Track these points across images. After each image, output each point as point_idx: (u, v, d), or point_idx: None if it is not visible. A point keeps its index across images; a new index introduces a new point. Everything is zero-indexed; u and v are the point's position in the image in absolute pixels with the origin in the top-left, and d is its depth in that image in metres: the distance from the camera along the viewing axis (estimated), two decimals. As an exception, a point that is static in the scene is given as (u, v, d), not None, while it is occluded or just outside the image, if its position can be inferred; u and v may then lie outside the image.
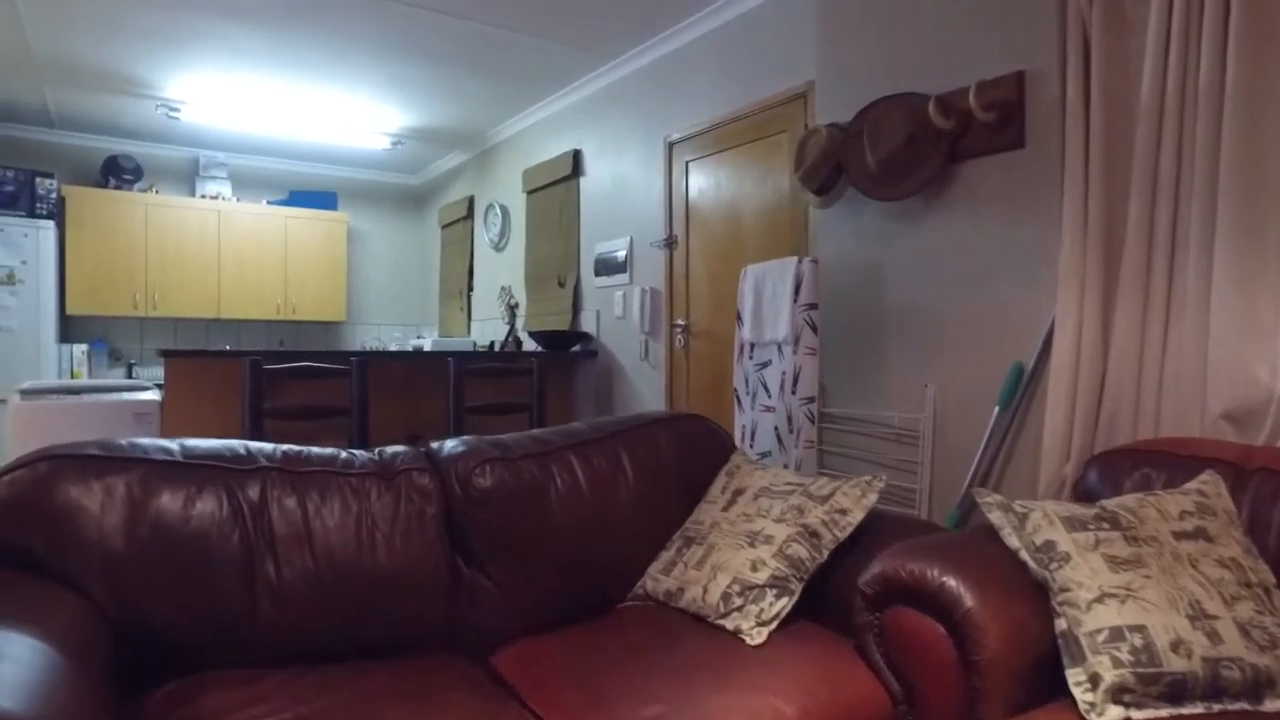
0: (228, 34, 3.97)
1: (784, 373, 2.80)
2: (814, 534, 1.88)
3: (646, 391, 4.17)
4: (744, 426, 2.98)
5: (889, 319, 2.76)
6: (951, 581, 1.50)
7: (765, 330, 2.88)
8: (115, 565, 1.47)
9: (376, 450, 1.95)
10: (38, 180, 5.13)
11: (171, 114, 5.07)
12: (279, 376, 3.39)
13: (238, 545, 1.59)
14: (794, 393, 2.74)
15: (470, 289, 6.12)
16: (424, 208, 7.14)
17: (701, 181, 3.84)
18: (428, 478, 1.86)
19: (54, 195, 5.18)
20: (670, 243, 4.00)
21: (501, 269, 5.67)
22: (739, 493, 2.10)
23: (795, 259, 2.76)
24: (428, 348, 5.75)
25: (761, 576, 1.81)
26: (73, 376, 5.52)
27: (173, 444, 1.68)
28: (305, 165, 6.61)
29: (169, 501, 1.56)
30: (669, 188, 4.02)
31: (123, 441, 1.63)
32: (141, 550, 1.50)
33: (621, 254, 4.33)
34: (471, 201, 6.10)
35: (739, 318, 3.02)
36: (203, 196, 6.02)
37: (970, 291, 2.51)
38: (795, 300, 2.75)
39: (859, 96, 2.79)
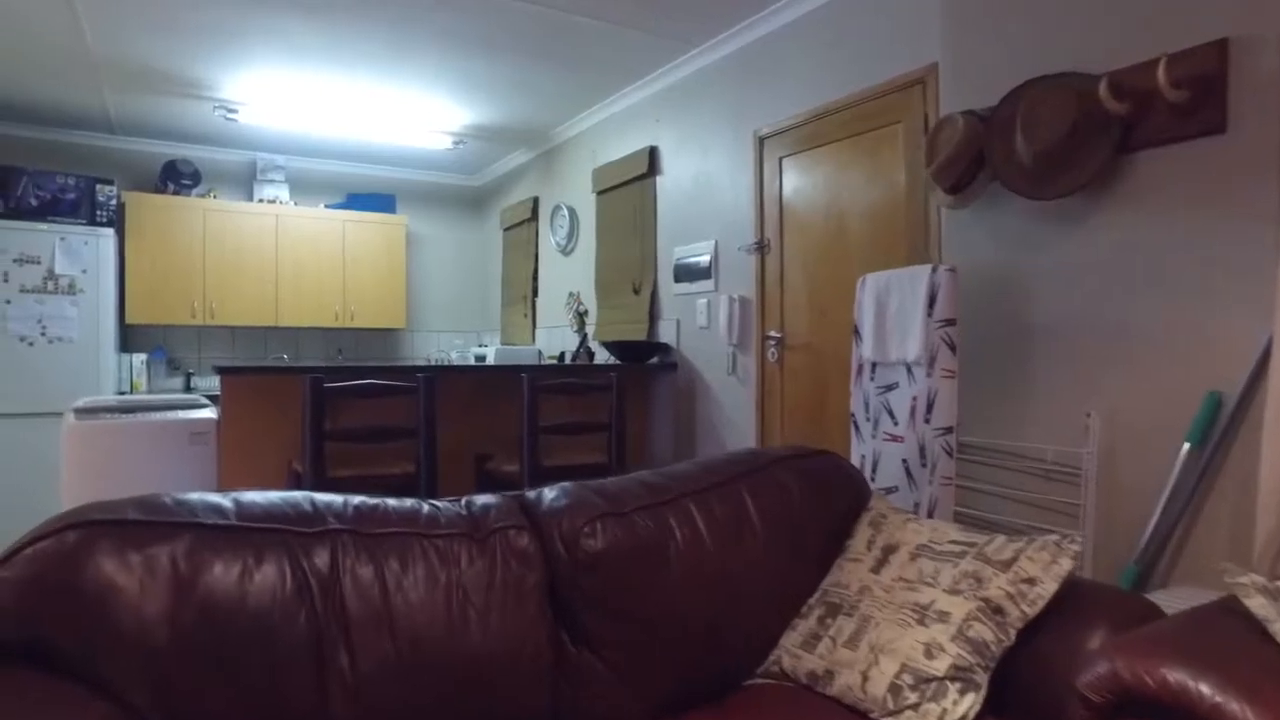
0: (286, 28, 3.73)
1: (915, 398, 2.43)
2: (998, 610, 1.52)
3: (734, 409, 3.82)
4: (863, 457, 2.62)
5: (1037, 336, 2.37)
6: (1233, 706, 1.13)
7: (890, 348, 2.52)
8: (157, 661, 1.18)
9: (463, 501, 1.64)
10: (98, 187, 4.99)
11: (229, 115, 4.88)
12: (341, 395, 3.13)
13: (304, 629, 1.29)
14: (928, 421, 2.38)
15: (535, 295, 5.84)
16: (484, 210, 6.90)
17: (797, 180, 3.48)
18: (526, 538, 1.55)
19: (114, 202, 5.03)
20: (761, 247, 3.65)
21: (569, 274, 5.38)
22: (890, 550, 1.75)
23: (928, 267, 2.40)
24: (491, 357, 5.49)
25: (940, 666, 1.45)
26: (132, 388, 5.38)
27: (225, 500, 1.39)
28: (363, 167, 6.41)
29: (222, 576, 1.27)
30: (759, 187, 3.68)
31: (166, 499, 1.35)
32: (189, 641, 1.21)
33: (705, 259, 3.99)
34: (536, 203, 5.82)
35: (856, 333, 2.66)
36: (260, 200, 5.85)
37: (1148, 306, 2.12)
38: (929, 315, 2.38)
39: (1000, 79, 2.41)
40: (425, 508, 1.57)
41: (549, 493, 1.70)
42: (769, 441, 3.63)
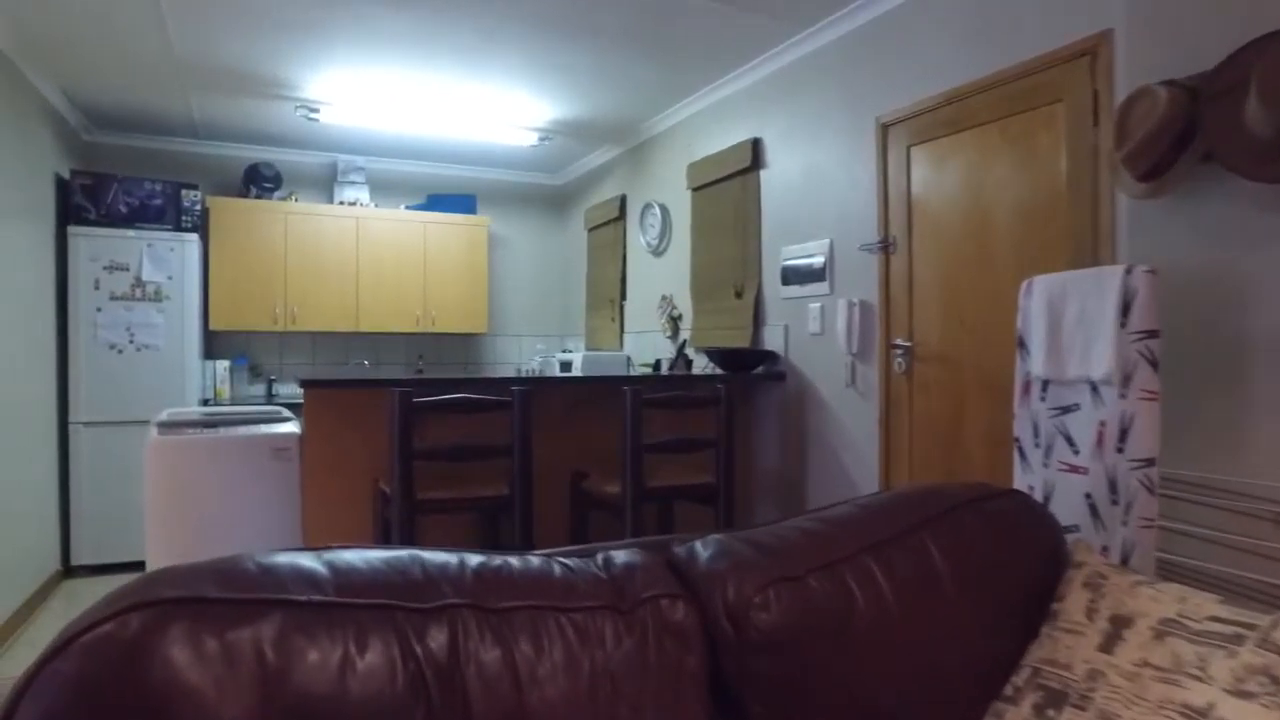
0: (375, 19, 3.53)
1: (1102, 422, 2.05)
2: (1302, 720, 1.16)
3: (853, 424, 3.47)
4: (1031, 488, 2.25)
5: (1260, 349, 1.97)
6: None
7: (1069, 364, 2.14)
8: (239, 785, 0.92)
9: (599, 558, 1.36)
10: (183, 192, 4.91)
11: (311, 115, 4.73)
12: (431, 410, 2.89)
13: (420, 735, 1.02)
14: (1120, 450, 2.00)
15: (623, 298, 5.56)
16: (566, 210, 6.66)
17: (929, 170, 3.12)
18: (682, 609, 1.24)
19: (198, 207, 4.94)
20: (886, 246, 3.29)
21: (661, 276, 5.09)
22: (1122, 623, 1.39)
23: (1119, 269, 2.02)
24: (578, 364, 5.24)
25: (1238, 800, 1.10)
26: (215, 395, 5.29)
27: (319, 564, 1.12)
28: (443, 167, 6.24)
29: (318, 668, 0.99)
30: (883, 179, 3.32)
31: (250, 566, 1.09)
32: (279, 758, 0.94)
33: (818, 260, 3.65)
34: (624, 201, 5.55)
35: (1021, 344, 2.29)
36: (340, 203, 5.72)
37: None
38: (1122, 325, 2.00)
39: (1209, 40, 2.01)
40: (556, 568, 1.28)
41: (702, 548, 1.40)
42: (895, 461, 3.27)
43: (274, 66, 4.11)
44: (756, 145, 4.10)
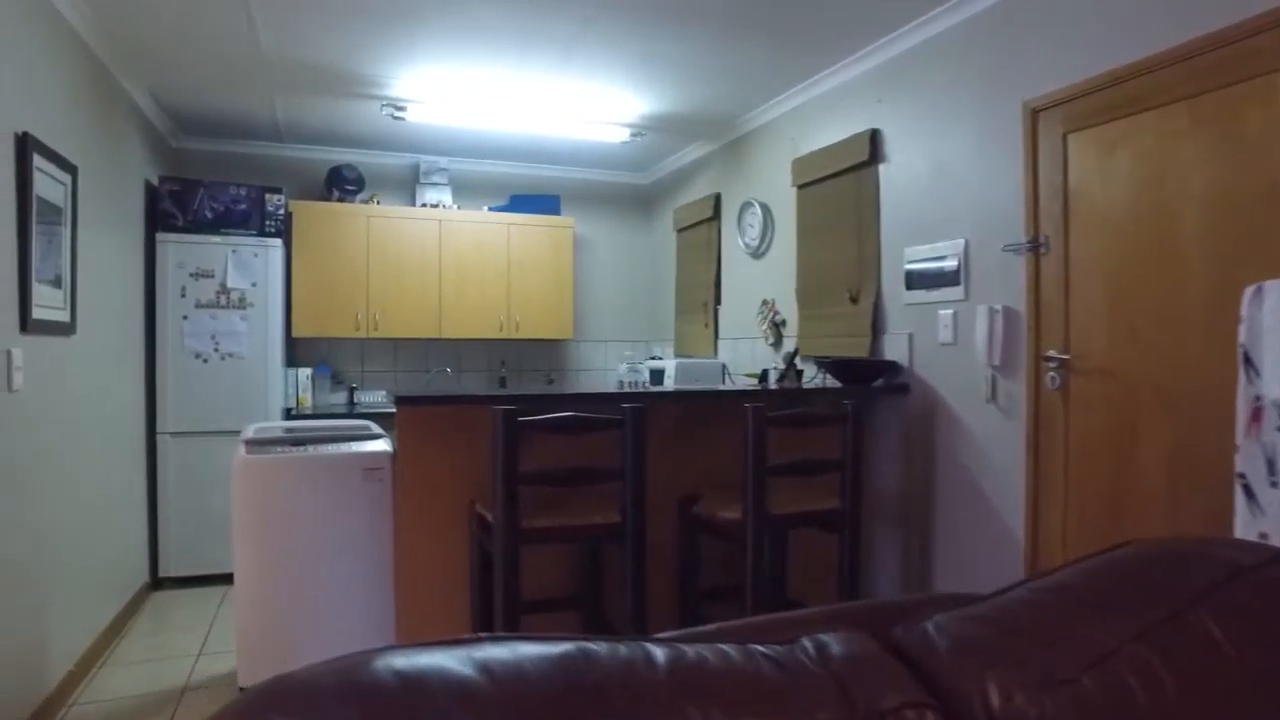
0: (464, 11, 3.31)
1: (1370, 460, 1.68)
2: None
3: (994, 445, 3.11)
4: (1263, 535, 1.88)
5: None
6: None
7: (1319, 387, 1.77)
8: None
9: (807, 645, 1.06)
10: (267, 196, 4.79)
11: (397, 114, 4.56)
12: (537, 430, 2.64)
13: None
14: (1398, 496, 1.62)
15: (717, 302, 5.27)
16: (653, 210, 6.40)
17: (1093, 159, 2.74)
18: (932, 725, 0.95)
19: (281, 211, 4.83)
20: (1036, 247, 2.93)
21: (761, 279, 4.78)
22: None
23: (1392, 269, 1.65)
24: (671, 372, 4.97)
25: None
26: (297, 404, 5.18)
27: (473, 671, 0.85)
28: (525, 166, 6.03)
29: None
30: (1032, 171, 2.95)
31: (385, 675, 0.82)
32: None
33: (950, 262, 3.29)
34: (718, 200, 5.26)
35: (1247, 362, 1.92)
36: (423, 205, 5.55)
37: None
38: (1400, 340, 1.63)
39: None
40: (763, 663, 1.00)
41: (936, 634, 1.10)
42: (1047, 489, 2.90)
43: (361, 64, 3.94)
44: (875, 137, 3.76)
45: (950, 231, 3.32)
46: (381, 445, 3.10)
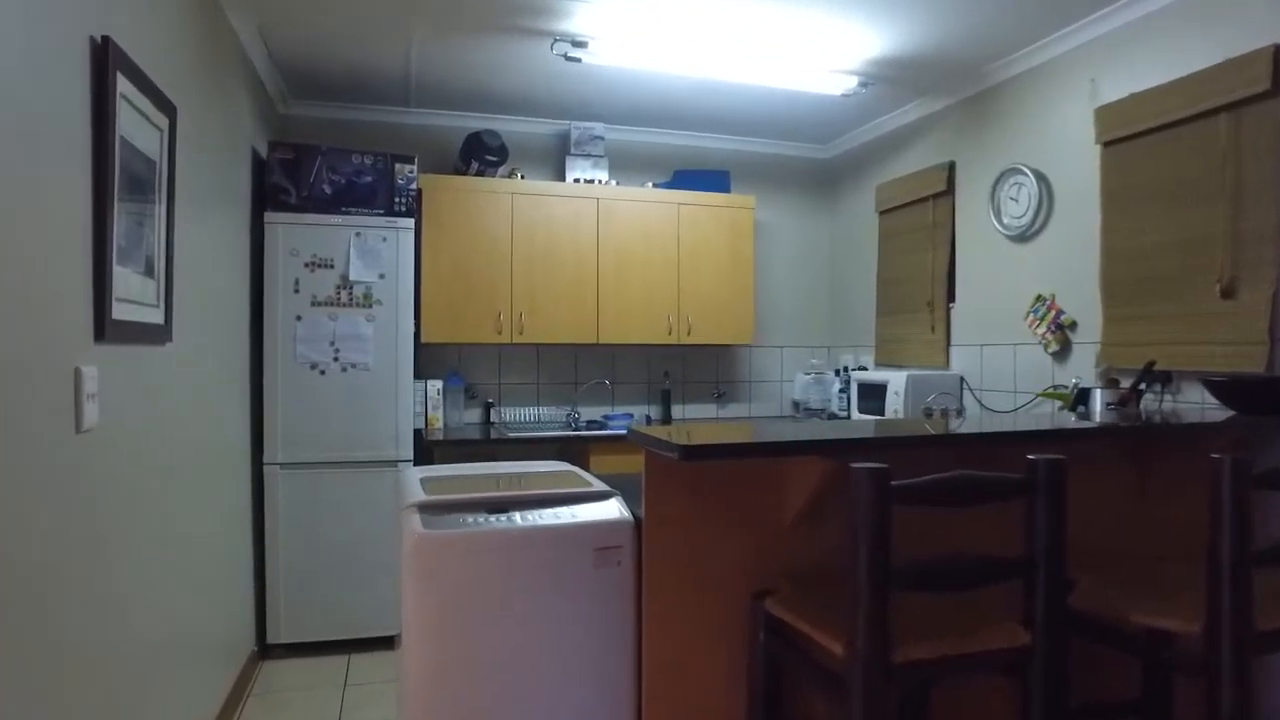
0: None
1: None
2: None
3: None
4: None
5: None
6: None
7: None
8: None
9: None
10: (397, 167, 3.84)
11: (573, 53, 3.51)
12: (913, 498, 1.58)
13: None
14: None
15: (950, 299, 4.13)
16: (837, 188, 5.29)
17: None
18: None
19: (414, 186, 3.87)
20: None
21: (1031, 268, 3.63)
22: None
23: None
24: (899, 387, 3.87)
25: None
26: (427, 425, 4.23)
27: None
28: (687, 136, 4.98)
29: None
30: None
31: None
32: None
33: None
34: (952, 171, 4.12)
35: None
36: (575, 180, 4.55)
37: None
38: None
39: None
40: None
41: None
42: None
43: (536, -20, 2.95)
44: (1278, 56, 2.59)
45: None
46: (613, 511, 2.06)
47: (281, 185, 3.65)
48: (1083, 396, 3.00)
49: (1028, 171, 3.59)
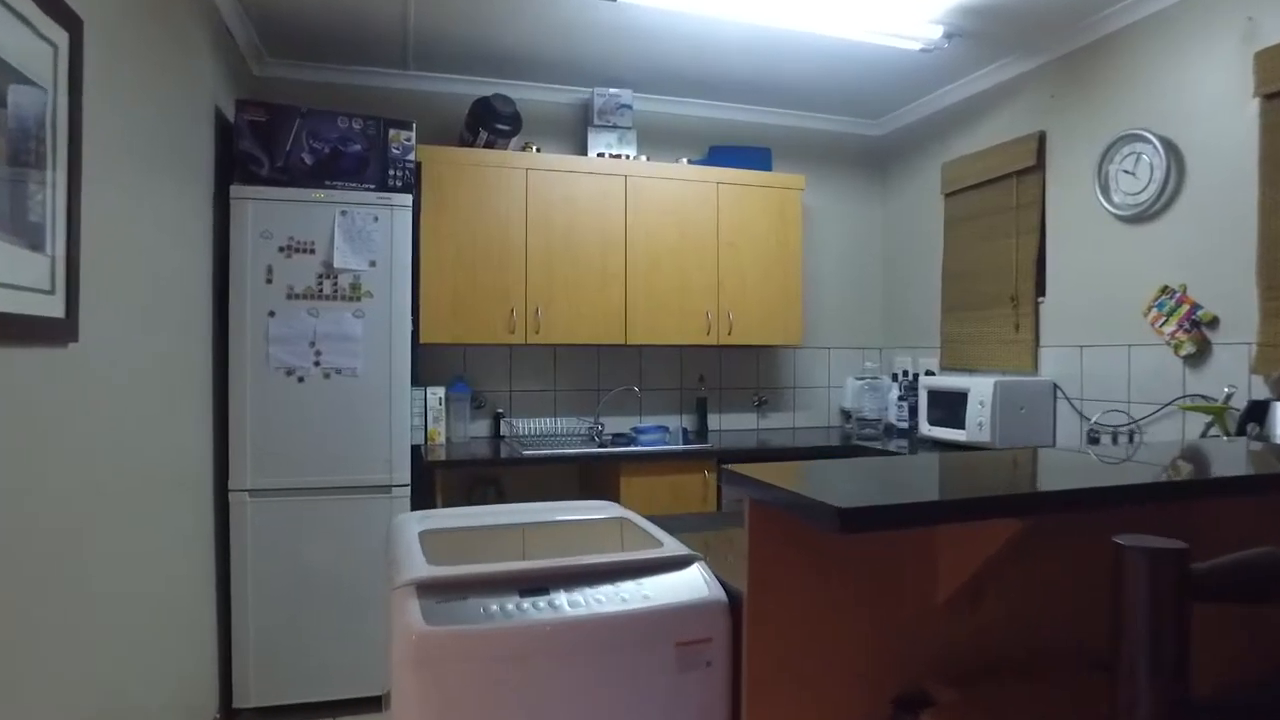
0: None
1: None
2: None
3: None
4: None
5: None
6: None
7: None
8: None
9: None
10: (392, 133, 3.23)
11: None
12: (1209, 589, 0.96)
13: None
14: None
15: (1039, 293, 3.53)
16: (889, 170, 4.68)
17: None
18: None
19: (410, 158, 3.26)
20: None
21: (1151, 254, 3.03)
22: None
23: None
24: (985, 397, 3.27)
25: None
26: (427, 440, 3.61)
27: None
28: (721, 109, 4.36)
29: None
30: None
31: None
32: None
33: None
34: (1042, 142, 3.51)
35: None
36: (600, 155, 3.93)
37: None
38: None
39: None
40: None
41: None
42: None
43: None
44: None
45: None
46: (698, 585, 1.45)
47: (251, 153, 3.03)
48: (1256, 412, 2.38)
49: (1151, 138, 2.99)
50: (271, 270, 3.02)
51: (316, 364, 3.07)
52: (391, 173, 3.23)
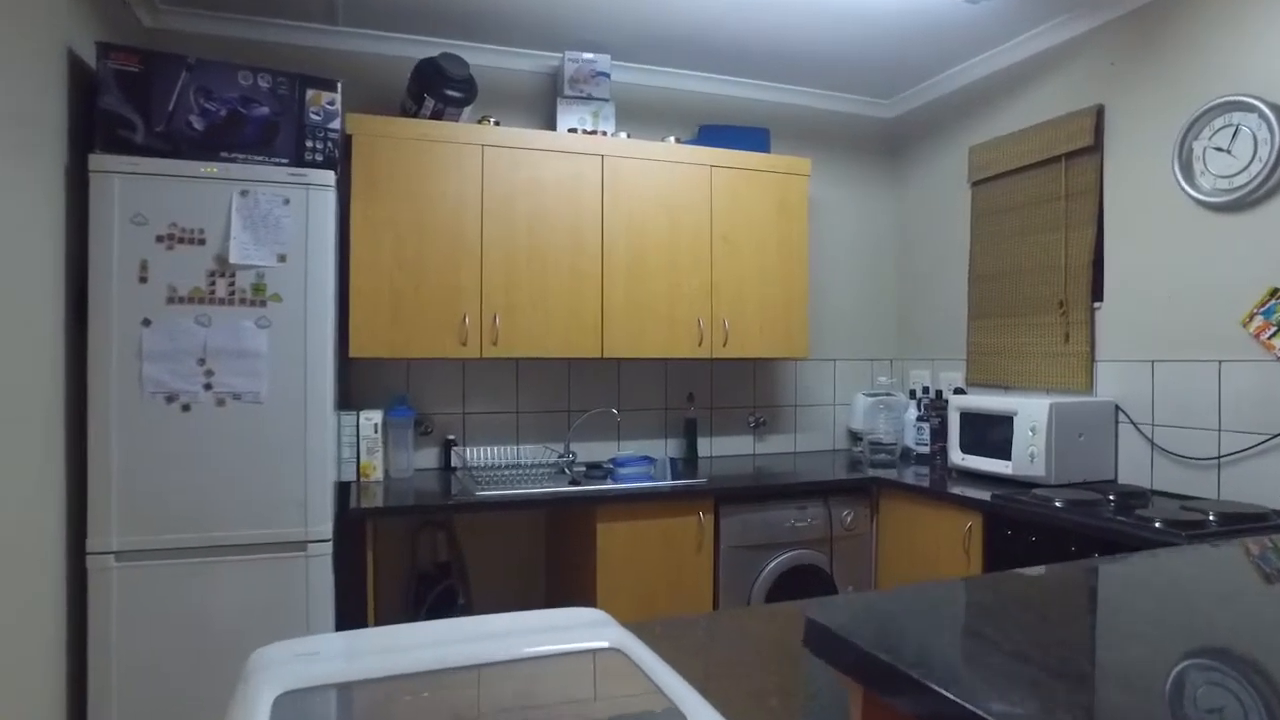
0: None
1: None
2: None
3: None
4: None
5: None
6: None
7: None
8: None
9: None
10: (309, 94, 2.55)
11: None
12: None
13: None
14: None
15: (1094, 299, 2.97)
16: (900, 157, 4.11)
17: None
18: None
19: (335, 126, 2.58)
20: None
21: (1252, 250, 2.47)
22: None
23: None
24: (1040, 423, 2.70)
25: None
26: (359, 474, 2.94)
27: None
28: (713, 83, 3.74)
29: None
30: None
31: None
32: None
33: None
34: (1099, 118, 2.95)
35: None
36: (570, 131, 3.29)
37: None
38: None
39: None
40: None
41: None
42: None
43: None
44: None
45: None
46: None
47: (119, 113, 2.34)
48: None
49: (1259, 105, 2.43)
50: (147, 266, 2.33)
51: (207, 387, 2.38)
52: (310, 144, 2.55)
